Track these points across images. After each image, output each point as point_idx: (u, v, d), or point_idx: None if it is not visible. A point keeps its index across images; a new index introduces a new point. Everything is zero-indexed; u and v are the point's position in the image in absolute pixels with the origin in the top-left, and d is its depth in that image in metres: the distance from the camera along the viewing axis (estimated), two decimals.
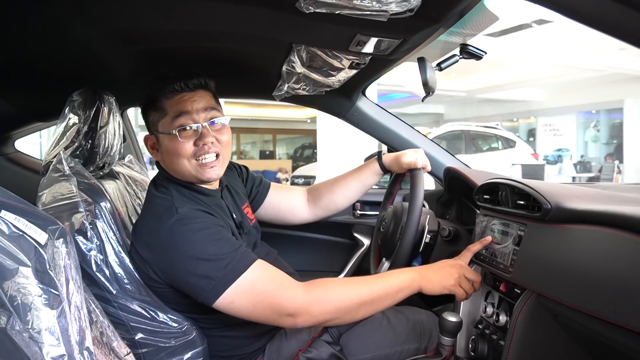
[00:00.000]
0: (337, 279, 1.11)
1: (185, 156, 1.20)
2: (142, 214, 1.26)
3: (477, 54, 1.33)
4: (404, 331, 1.35)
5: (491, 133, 10.92)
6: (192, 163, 1.21)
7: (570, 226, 0.99)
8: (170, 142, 1.21)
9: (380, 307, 1.17)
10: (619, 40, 0.73)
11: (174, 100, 1.21)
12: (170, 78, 1.21)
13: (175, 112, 1.20)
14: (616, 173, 10.40)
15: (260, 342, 1.30)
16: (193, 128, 1.20)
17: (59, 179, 1.19)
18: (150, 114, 1.26)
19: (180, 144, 1.20)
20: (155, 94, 1.22)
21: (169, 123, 1.21)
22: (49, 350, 0.65)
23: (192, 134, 1.21)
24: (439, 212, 1.95)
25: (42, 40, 1.21)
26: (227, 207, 1.34)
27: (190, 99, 1.21)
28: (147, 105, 1.26)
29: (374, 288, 1.14)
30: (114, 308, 1.16)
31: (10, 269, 0.63)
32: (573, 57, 11.02)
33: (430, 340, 1.33)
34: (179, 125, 1.19)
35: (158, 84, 1.22)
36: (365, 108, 1.95)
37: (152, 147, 1.29)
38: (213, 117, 1.24)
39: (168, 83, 1.20)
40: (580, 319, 0.90)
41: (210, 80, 1.27)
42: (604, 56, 10.90)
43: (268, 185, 1.64)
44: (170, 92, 1.21)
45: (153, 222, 1.18)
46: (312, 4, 0.93)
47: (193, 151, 1.21)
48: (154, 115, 1.24)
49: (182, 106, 1.20)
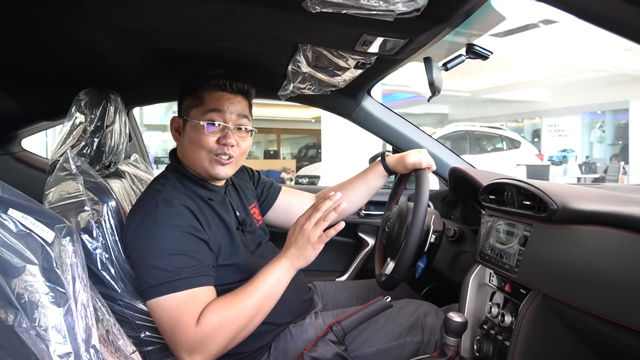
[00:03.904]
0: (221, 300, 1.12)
1: (206, 149, 1.25)
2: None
3: (483, 54, 1.32)
4: (406, 324, 1.35)
5: (496, 133, 10.89)
6: (209, 157, 1.26)
7: (576, 227, 0.99)
8: (195, 131, 1.25)
9: (270, 307, 1.18)
10: (628, 40, 0.73)
11: (214, 95, 1.26)
12: (218, 74, 1.26)
13: (210, 106, 1.25)
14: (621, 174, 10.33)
15: (263, 341, 1.30)
16: (221, 126, 1.25)
17: (65, 178, 1.20)
18: (186, 98, 1.30)
19: (204, 136, 1.24)
20: (200, 83, 1.27)
21: (202, 114, 1.25)
22: (56, 348, 0.65)
23: (218, 132, 1.25)
24: (444, 212, 1.95)
25: (49, 41, 1.21)
26: (230, 204, 1.37)
27: (229, 100, 1.27)
28: (187, 90, 1.30)
29: (256, 296, 1.15)
30: (120, 306, 1.17)
31: (17, 267, 0.63)
32: (578, 58, 10.97)
33: (432, 333, 1.33)
34: (210, 118, 1.24)
35: (205, 75, 1.27)
36: (371, 108, 1.95)
37: (176, 129, 1.34)
38: (242, 124, 1.29)
39: (214, 77, 1.26)
40: (585, 319, 0.89)
41: (252, 89, 1.33)
42: (610, 56, 10.85)
43: (279, 188, 1.67)
44: (214, 87, 1.26)
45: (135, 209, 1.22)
46: (318, 3, 0.93)
47: (213, 147, 1.25)
48: (190, 101, 1.28)
49: (220, 103, 1.25)
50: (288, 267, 1.19)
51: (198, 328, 1.08)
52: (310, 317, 1.40)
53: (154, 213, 1.15)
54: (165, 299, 1.09)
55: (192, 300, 1.10)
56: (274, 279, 1.17)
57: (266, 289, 1.16)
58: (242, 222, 1.38)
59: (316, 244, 1.18)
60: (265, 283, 1.16)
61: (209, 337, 1.08)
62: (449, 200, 1.95)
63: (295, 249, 1.19)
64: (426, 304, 1.45)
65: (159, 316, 1.10)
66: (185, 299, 1.09)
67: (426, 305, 1.44)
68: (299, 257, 1.19)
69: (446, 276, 1.53)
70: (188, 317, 1.08)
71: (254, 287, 1.16)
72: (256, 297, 1.15)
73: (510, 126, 16.19)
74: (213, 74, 1.27)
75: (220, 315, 1.10)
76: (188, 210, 1.19)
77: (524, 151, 10.62)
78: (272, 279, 1.17)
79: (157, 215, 1.15)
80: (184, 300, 1.09)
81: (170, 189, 1.23)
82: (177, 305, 1.09)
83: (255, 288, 1.16)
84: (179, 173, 1.30)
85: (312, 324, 1.35)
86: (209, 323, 1.08)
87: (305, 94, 1.63)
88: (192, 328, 1.08)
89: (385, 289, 1.45)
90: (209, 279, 1.15)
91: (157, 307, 1.10)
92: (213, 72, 1.27)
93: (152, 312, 1.12)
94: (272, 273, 1.18)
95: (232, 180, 1.45)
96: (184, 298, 1.09)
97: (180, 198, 1.21)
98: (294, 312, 1.38)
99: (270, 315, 1.19)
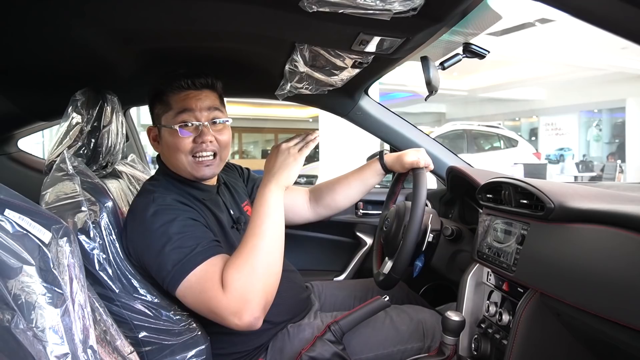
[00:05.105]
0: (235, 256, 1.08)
1: (183, 152, 1.24)
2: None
3: (480, 53, 1.33)
4: (407, 330, 1.35)
5: (493, 132, 10.91)
6: (189, 159, 1.25)
7: (573, 225, 0.99)
8: (170, 136, 1.25)
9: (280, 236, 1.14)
10: (624, 38, 0.73)
11: (179, 96, 1.25)
12: (179, 75, 1.25)
13: (179, 108, 1.24)
14: (618, 172, 10.38)
15: (261, 340, 1.30)
16: (194, 125, 1.24)
17: (62, 178, 1.20)
18: (155, 106, 1.30)
19: (179, 139, 1.23)
20: (163, 88, 1.26)
21: (172, 118, 1.24)
22: (53, 349, 0.65)
23: (193, 131, 1.24)
24: (441, 211, 1.95)
25: (45, 41, 1.21)
26: (223, 203, 1.37)
27: (195, 97, 1.25)
28: (154, 98, 1.29)
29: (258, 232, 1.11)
30: (117, 307, 1.17)
31: (14, 268, 0.63)
32: (575, 56, 10.99)
33: (434, 340, 1.33)
34: (181, 121, 1.23)
35: (167, 78, 1.26)
36: (368, 107, 1.95)
37: (154, 139, 1.33)
38: (215, 117, 1.27)
39: (176, 79, 1.24)
40: (583, 318, 0.90)
41: (217, 81, 1.31)
42: (606, 55, 10.87)
43: None
44: (177, 88, 1.25)
45: (133, 210, 1.22)
46: (315, 3, 0.93)
47: (191, 147, 1.24)
48: (159, 109, 1.28)
49: (187, 103, 1.24)
50: (276, 190, 1.15)
51: (227, 291, 1.04)
52: (309, 317, 1.40)
53: (152, 207, 1.15)
54: (188, 280, 1.06)
55: (211, 269, 1.07)
56: (271, 209, 1.13)
57: (269, 222, 1.12)
58: (237, 221, 1.38)
59: (297, 155, 1.17)
60: (265, 218, 1.12)
61: (242, 294, 1.03)
62: (447, 199, 1.95)
63: (278, 168, 1.17)
64: (427, 310, 1.45)
65: (191, 299, 1.08)
66: (205, 270, 1.07)
67: (427, 310, 1.44)
68: (282, 174, 1.16)
69: (444, 275, 1.54)
70: (212, 285, 1.05)
71: (252, 226, 1.12)
72: (264, 235, 1.10)
73: (507, 125, 16.22)
74: (173, 75, 1.25)
75: (236, 267, 1.06)
76: (184, 205, 1.20)
77: (521, 150, 10.64)
78: (269, 210, 1.13)
79: (157, 208, 1.15)
80: (203, 272, 1.07)
81: (163, 190, 1.23)
82: (199, 279, 1.06)
83: (253, 226, 1.12)
84: (169, 176, 1.30)
85: (310, 324, 1.35)
86: (233, 281, 1.04)
87: (303, 94, 1.63)
88: (220, 293, 1.04)
89: (383, 288, 1.45)
90: (219, 249, 1.14)
91: (185, 290, 1.07)
92: (173, 74, 1.25)
93: (184, 300, 1.09)
94: (265, 205, 1.14)
95: (224, 179, 1.45)
96: (203, 270, 1.07)
97: (175, 197, 1.21)
98: (292, 311, 1.38)
99: (268, 313, 1.19)
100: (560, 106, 15.67)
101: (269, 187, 1.15)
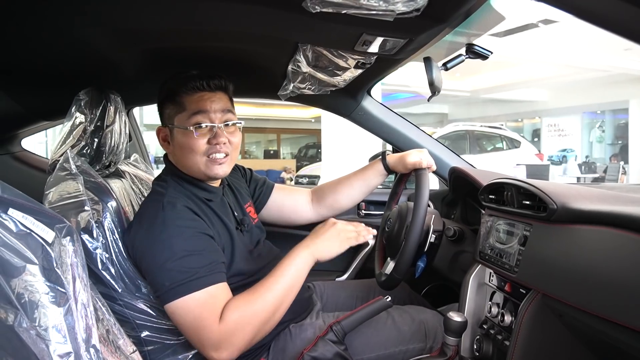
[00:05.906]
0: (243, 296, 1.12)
1: (198, 152, 1.24)
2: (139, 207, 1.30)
3: (483, 54, 1.32)
4: (409, 331, 1.35)
5: (496, 133, 10.88)
6: (203, 159, 1.25)
7: (576, 226, 0.99)
8: (184, 137, 1.25)
9: (291, 299, 1.19)
10: (627, 39, 0.73)
11: (194, 97, 1.25)
12: (193, 75, 1.25)
13: (193, 109, 1.24)
14: (621, 174, 10.34)
15: (263, 339, 1.29)
16: (209, 127, 1.24)
17: (65, 178, 1.20)
18: (167, 106, 1.29)
19: (194, 140, 1.23)
20: (176, 88, 1.25)
21: (186, 119, 1.24)
22: (56, 348, 0.65)
23: (207, 133, 1.25)
24: (443, 212, 1.95)
25: (49, 40, 1.21)
26: (228, 204, 1.37)
27: (209, 99, 1.25)
28: (166, 98, 1.29)
29: (276, 288, 1.15)
30: (120, 306, 1.17)
31: (17, 267, 0.63)
32: (578, 57, 10.98)
33: (435, 340, 1.33)
34: (195, 122, 1.23)
35: (180, 79, 1.25)
36: (371, 108, 1.95)
37: (164, 139, 1.33)
38: (228, 119, 1.28)
39: (190, 80, 1.24)
40: (585, 319, 0.90)
41: (230, 83, 1.31)
42: (609, 56, 10.85)
43: (272, 186, 1.66)
44: (192, 89, 1.24)
45: (141, 214, 1.23)
46: (318, 3, 0.93)
47: (206, 148, 1.25)
48: (171, 109, 1.27)
49: (202, 105, 1.24)
50: (307, 257, 1.20)
51: (222, 325, 1.07)
52: (311, 317, 1.40)
53: (162, 216, 1.15)
54: (184, 300, 1.08)
55: (211, 299, 1.10)
56: (294, 269, 1.18)
57: (286, 280, 1.16)
58: (241, 222, 1.38)
59: (344, 241, 1.23)
60: (284, 275, 1.16)
61: (233, 333, 1.08)
62: (449, 200, 1.95)
63: (321, 240, 1.22)
64: (429, 310, 1.45)
65: (181, 318, 1.09)
66: (205, 298, 1.09)
67: (429, 311, 1.44)
68: (322, 248, 1.21)
69: (446, 276, 1.53)
70: (210, 315, 1.08)
71: (273, 279, 1.16)
72: (277, 290, 1.14)
73: (510, 126, 16.19)
74: (187, 76, 1.25)
75: (242, 311, 1.10)
76: (192, 212, 1.20)
77: (524, 151, 10.61)
78: (292, 269, 1.18)
79: (166, 218, 1.15)
80: (203, 299, 1.09)
81: (172, 192, 1.23)
82: (198, 305, 1.08)
83: (275, 281, 1.16)
84: (177, 176, 1.30)
85: (312, 324, 1.35)
86: (231, 319, 1.08)
87: (305, 94, 1.63)
88: (215, 325, 1.07)
89: (385, 288, 1.45)
90: (223, 276, 1.15)
91: (177, 309, 1.09)
92: (187, 74, 1.25)
93: (172, 315, 1.11)
94: (291, 264, 1.18)
95: (227, 180, 1.45)
96: (204, 297, 1.09)
97: (183, 200, 1.21)
98: (293, 310, 1.37)
99: None
100: (563, 107, 15.65)
101: (304, 251, 1.21)
